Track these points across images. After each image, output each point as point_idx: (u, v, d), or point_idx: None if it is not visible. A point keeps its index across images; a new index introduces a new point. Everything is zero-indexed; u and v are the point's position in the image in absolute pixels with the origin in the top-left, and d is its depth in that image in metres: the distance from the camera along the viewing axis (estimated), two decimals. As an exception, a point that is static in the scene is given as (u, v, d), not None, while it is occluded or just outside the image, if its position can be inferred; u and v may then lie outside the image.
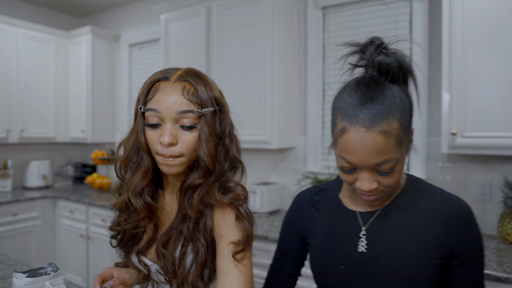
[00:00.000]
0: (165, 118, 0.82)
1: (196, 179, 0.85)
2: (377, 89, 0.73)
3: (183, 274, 0.85)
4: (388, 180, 0.75)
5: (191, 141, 0.83)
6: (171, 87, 0.83)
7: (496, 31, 1.74)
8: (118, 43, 3.81)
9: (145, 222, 0.91)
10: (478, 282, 0.81)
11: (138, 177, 0.88)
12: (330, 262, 0.85)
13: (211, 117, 0.85)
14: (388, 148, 0.70)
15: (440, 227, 0.79)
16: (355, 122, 0.71)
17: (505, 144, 1.73)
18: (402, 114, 0.72)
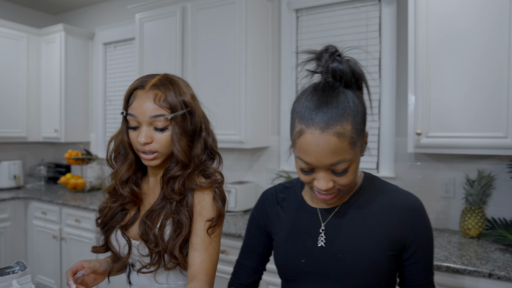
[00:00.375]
0: (141, 121, 0.99)
1: (176, 171, 1.02)
2: (332, 94, 0.78)
3: (165, 244, 0.98)
4: (344, 179, 0.80)
5: (164, 140, 1.00)
6: (145, 95, 0.99)
7: (458, 36, 1.83)
8: (92, 42, 3.76)
9: (130, 205, 1.09)
10: (428, 270, 0.89)
11: (124, 168, 1.07)
12: (292, 256, 0.90)
13: (181, 118, 1.01)
14: (342, 149, 0.75)
15: (393, 222, 0.86)
16: (311, 125, 0.75)
17: (466, 143, 1.82)
18: (355, 117, 0.77)
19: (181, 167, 1.03)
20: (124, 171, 1.07)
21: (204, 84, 2.56)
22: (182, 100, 1.01)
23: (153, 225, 1.00)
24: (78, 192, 3.41)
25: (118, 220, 1.08)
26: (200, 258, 0.97)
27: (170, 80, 1.03)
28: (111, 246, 1.08)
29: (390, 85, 2.28)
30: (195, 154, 1.05)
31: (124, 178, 1.07)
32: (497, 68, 1.76)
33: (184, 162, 1.02)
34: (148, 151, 1.00)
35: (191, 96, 1.06)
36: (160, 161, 1.03)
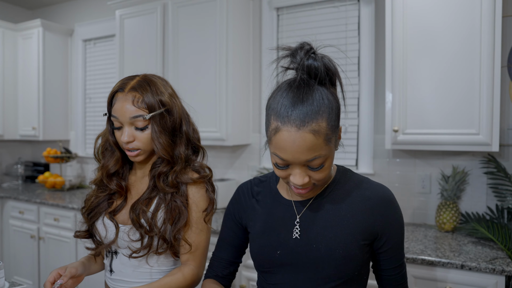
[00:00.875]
0: (123, 122, 1.08)
1: (163, 168, 1.11)
2: (307, 91, 0.79)
3: (158, 228, 1.06)
4: (319, 175, 0.82)
5: (145, 138, 1.09)
6: (125, 98, 1.08)
7: (434, 36, 1.88)
8: (71, 38, 3.70)
9: (117, 196, 1.16)
10: (400, 253, 0.93)
11: (112, 162, 1.15)
12: (268, 248, 0.92)
13: (160, 117, 1.09)
14: (317, 146, 0.77)
15: (366, 212, 0.89)
16: (287, 122, 0.77)
17: (440, 140, 1.87)
18: (330, 114, 0.79)
19: (167, 163, 1.11)
20: (112, 165, 1.16)
21: (185, 81, 2.56)
22: (160, 100, 1.09)
23: (147, 210, 1.07)
24: (57, 191, 3.35)
25: (105, 207, 1.14)
26: (196, 241, 1.10)
27: (148, 81, 1.11)
28: (96, 231, 1.14)
29: (368, 83, 2.32)
30: (180, 151, 1.13)
31: (111, 171, 1.15)
32: (470, 67, 1.81)
33: (166, 158, 1.09)
34: (131, 149, 1.09)
35: (169, 94, 1.14)
36: (143, 157, 1.12)
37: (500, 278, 1.53)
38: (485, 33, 1.78)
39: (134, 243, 1.07)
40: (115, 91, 1.10)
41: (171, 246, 1.09)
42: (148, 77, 1.13)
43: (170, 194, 1.09)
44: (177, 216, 1.08)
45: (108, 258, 1.17)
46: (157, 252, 1.08)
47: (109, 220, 1.12)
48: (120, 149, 1.16)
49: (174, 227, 1.07)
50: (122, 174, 1.18)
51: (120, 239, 1.10)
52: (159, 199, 1.10)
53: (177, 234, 1.08)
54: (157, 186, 1.10)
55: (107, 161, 1.16)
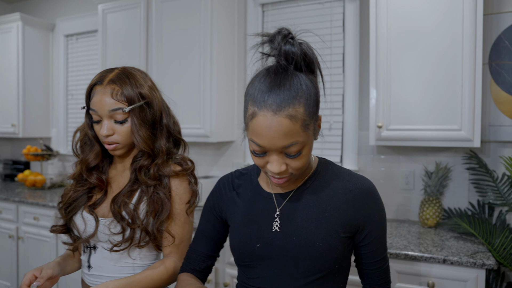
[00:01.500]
0: (102, 115, 1.06)
1: (144, 161, 1.09)
2: (284, 76, 0.78)
3: (141, 220, 1.04)
4: (296, 162, 0.80)
5: (124, 131, 1.07)
6: (103, 91, 1.06)
7: (417, 32, 1.89)
8: (53, 33, 3.61)
9: (97, 190, 1.14)
10: (382, 247, 0.92)
11: (92, 156, 1.13)
12: (247, 241, 0.90)
13: (140, 110, 1.08)
14: (294, 132, 0.75)
15: (347, 204, 0.87)
16: (263, 107, 0.75)
17: (424, 136, 1.88)
18: (308, 100, 0.78)
19: (147, 156, 1.10)
20: (91, 159, 1.14)
21: (168, 77, 2.52)
22: (139, 93, 1.08)
23: (129, 202, 1.06)
24: (38, 189, 3.27)
25: (84, 201, 1.12)
26: (179, 233, 1.10)
27: (127, 73, 1.09)
28: (74, 226, 1.11)
29: (353, 80, 2.32)
30: (161, 144, 1.12)
31: (91, 165, 1.13)
32: (453, 64, 1.83)
33: (146, 151, 1.08)
34: (111, 142, 1.08)
35: (149, 87, 1.12)
36: (122, 151, 1.11)
37: (480, 271, 1.54)
38: (467, 31, 1.80)
39: (115, 236, 1.05)
40: (94, 84, 1.08)
41: (153, 238, 1.08)
42: (127, 70, 1.11)
43: (152, 186, 1.08)
44: (160, 208, 1.07)
45: (86, 253, 1.14)
46: (139, 245, 1.06)
47: (88, 213, 1.09)
48: (99, 142, 1.14)
49: (157, 219, 1.07)
50: (102, 168, 1.16)
51: (100, 233, 1.07)
52: (141, 192, 1.08)
53: (160, 226, 1.07)
54: (138, 179, 1.09)
55: (86, 155, 1.14)
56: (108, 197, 1.13)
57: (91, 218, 1.08)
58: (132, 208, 1.05)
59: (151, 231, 1.06)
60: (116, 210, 1.05)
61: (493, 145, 2.04)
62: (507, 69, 2.00)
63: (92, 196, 1.14)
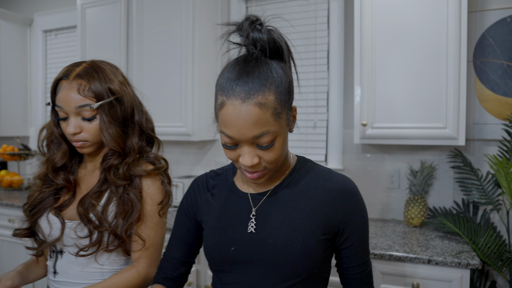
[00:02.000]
0: (68, 112, 1.00)
1: (114, 160, 1.03)
2: (254, 64, 0.74)
3: (109, 223, 0.98)
4: (269, 154, 0.75)
5: (93, 129, 1.01)
6: (69, 86, 0.99)
7: (402, 29, 1.86)
8: (31, 28, 3.50)
9: (65, 191, 1.07)
10: (364, 250, 0.87)
11: (59, 156, 1.06)
12: (221, 244, 0.85)
13: (109, 106, 1.01)
14: (264, 120, 0.71)
15: (326, 204, 0.83)
16: (231, 95, 0.72)
17: (409, 134, 1.86)
18: (278, 88, 0.74)
19: (118, 155, 1.04)
20: (58, 159, 1.07)
21: (149, 73, 2.45)
22: (108, 88, 1.02)
23: (96, 204, 1.00)
24: (14, 190, 3.16)
25: (50, 203, 1.05)
26: (150, 237, 1.03)
27: (95, 67, 1.03)
28: (39, 229, 1.04)
29: (338, 77, 2.29)
30: (133, 143, 1.06)
31: (58, 165, 1.06)
32: (438, 61, 1.80)
33: (116, 150, 1.02)
34: (78, 140, 1.01)
35: (119, 82, 1.06)
36: (91, 149, 1.04)
37: (465, 271, 1.52)
38: (452, 28, 1.77)
39: (82, 240, 0.99)
40: (59, 78, 1.02)
41: (122, 242, 1.01)
42: (96, 63, 1.05)
43: (122, 187, 1.02)
44: (130, 210, 1.01)
45: (52, 258, 1.07)
46: (108, 249, 1.00)
47: (54, 216, 1.02)
48: (67, 141, 1.07)
49: (126, 221, 1.00)
50: (70, 167, 1.10)
51: (66, 236, 1.00)
52: (111, 192, 1.02)
53: (129, 229, 1.01)
54: (108, 179, 1.03)
55: (53, 154, 1.08)
56: (77, 198, 1.06)
57: (57, 220, 1.02)
58: (100, 210, 0.99)
59: (120, 234, 0.99)
60: (82, 212, 0.98)
61: (477, 144, 2.02)
62: (491, 67, 1.99)
63: (60, 198, 1.07)
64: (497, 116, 1.98)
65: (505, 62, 1.97)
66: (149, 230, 1.03)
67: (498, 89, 1.98)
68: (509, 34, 1.96)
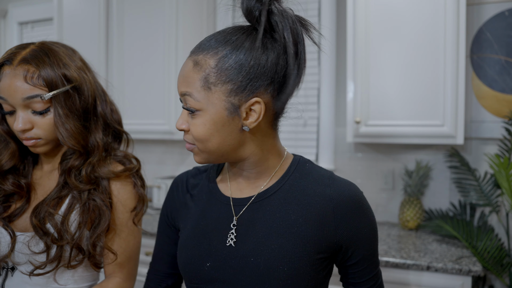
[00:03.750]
0: (15, 105, 0.83)
1: (74, 160, 0.88)
2: (238, 31, 0.67)
3: (72, 236, 0.83)
4: (193, 127, 0.67)
5: (46, 124, 0.85)
6: (13, 73, 0.82)
7: (397, 23, 1.76)
8: (5, 20, 3.30)
9: (16, 197, 0.91)
10: (374, 262, 0.73)
11: (6, 157, 0.90)
12: (195, 258, 0.71)
13: (65, 97, 0.85)
14: (191, 80, 0.65)
15: (325, 216, 0.68)
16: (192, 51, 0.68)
17: (405, 132, 1.76)
18: (228, 58, 0.63)
19: (79, 154, 0.88)
20: (5, 161, 0.90)
21: (130, 68, 2.30)
22: (63, 74, 0.85)
23: (55, 212, 0.84)
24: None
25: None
26: (123, 248, 0.90)
27: (46, 50, 0.85)
28: None
29: (329, 73, 2.18)
30: (96, 139, 0.90)
31: (5, 167, 0.90)
32: (435, 56, 1.71)
33: (76, 148, 0.87)
34: (29, 138, 0.85)
35: (77, 67, 0.89)
36: (45, 148, 0.88)
37: (466, 278, 1.43)
38: (450, 22, 1.68)
39: (37, 256, 0.83)
40: (1, 63, 0.84)
41: (89, 257, 0.86)
42: (47, 45, 0.87)
43: (86, 191, 0.87)
44: (97, 219, 0.85)
45: (1, 276, 0.89)
46: (70, 265, 0.84)
47: (2, 228, 0.85)
48: (15, 139, 0.91)
49: (93, 232, 0.85)
50: (22, 170, 0.93)
51: (17, 252, 0.84)
52: (72, 198, 0.86)
53: (96, 241, 0.85)
54: (68, 183, 0.87)
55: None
56: (31, 206, 0.90)
57: (5, 233, 0.85)
58: (59, 220, 0.83)
59: (86, 248, 0.84)
60: (36, 223, 0.82)
61: (474, 142, 1.94)
62: (489, 62, 1.91)
63: (10, 206, 0.90)
64: (495, 113, 1.90)
65: (503, 58, 1.89)
66: (121, 241, 0.89)
67: (495, 85, 1.90)
68: (507, 29, 1.88)
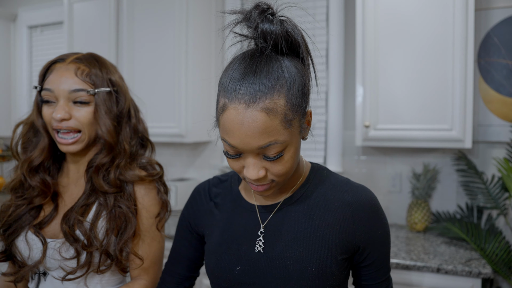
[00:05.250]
0: (58, 96, 0.86)
1: (103, 157, 0.90)
2: (262, 61, 0.63)
3: (100, 242, 0.85)
4: (278, 167, 0.65)
5: (84, 116, 0.87)
6: (65, 68, 0.87)
7: (407, 27, 1.79)
8: (15, 24, 3.34)
9: (40, 199, 0.91)
10: (386, 266, 0.78)
11: (36, 153, 0.91)
12: (226, 263, 0.75)
13: (107, 97, 0.90)
14: (272, 129, 0.61)
15: (345, 220, 0.73)
16: (235, 98, 0.61)
17: (413, 136, 1.78)
18: (290, 90, 0.63)
19: (108, 151, 0.91)
20: (35, 157, 0.91)
21: (140, 72, 2.33)
22: (109, 78, 0.92)
23: (83, 219, 0.86)
24: (-3, 193, 3.01)
25: (28, 220, 0.90)
26: (147, 253, 0.92)
27: (96, 57, 0.94)
28: (16, 251, 0.89)
29: (337, 77, 2.21)
30: (124, 140, 0.93)
31: (35, 163, 0.91)
32: (443, 61, 1.73)
33: (110, 144, 0.90)
34: (66, 130, 0.87)
35: (119, 77, 0.97)
36: (82, 145, 0.89)
37: (476, 281, 1.45)
38: (458, 26, 1.71)
39: (68, 261, 0.85)
40: (53, 62, 0.90)
41: (117, 262, 0.88)
42: (96, 55, 0.95)
43: (112, 197, 0.88)
44: (123, 225, 0.88)
45: (34, 281, 0.92)
46: (99, 270, 0.86)
47: (34, 235, 0.87)
48: (49, 135, 0.92)
49: (120, 238, 0.87)
50: (49, 170, 0.94)
51: (49, 258, 0.86)
52: (99, 205, 0.88)
53: (123, 247, 0.88)
54: (94, 186, 0.89)
55: (29, 153, 0.93)
56: (60, 213, 0.92)
57: (37, 240, 0.87)
58: (88, 227, 0.86)
59: (113, 253, 0.86)
60: (67, 229, 0.84)
61: (482, 146, 1.96)
62: (496, 67, 1.93)
63: (40, 213, 0.91)
64: (502, 117, 1.92)
65: (510, 62, 1.91)
66: (147, 247, 0.92)
67: (503, 89, 1.92)
68: (514, 33, 1.90)
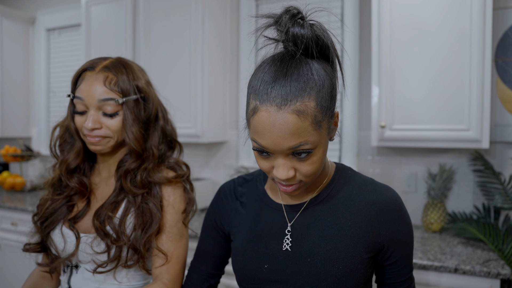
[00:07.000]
0: (89, 105, 0.91)
1: (131, 163, 0.94)
2: (292, 64, 0.65)
3: (127, 237, 0.89)
4: (307, 167, 0.67)
5: (114, 126, 0.93)
6: (94, 77, 0.91)
7: (423, 27, 1.79)
8: (33, 27, 3.42)
9: (78, 197, 0.98)
10: (409, 265, 0.80)
11: (72, 156, 0.98)
12: (253, 261, 0.77)
13: (134, 104, 0.94)
14: (303, 130, 0.63)
15: (370, 219, 0.75)
16: (266, 101, 0.63)
17: (430, 136, 1.78)
18: (320, 92, 0.65)
19: (135, 157, 0.95)
20: (72, 159, 0.98)
21: (157, 73, 2.37)
22: (136, 85, 0.95)
23: (113, 216, 0.91)
24: (17, 192, 3.08)
25: (63, 214, 0.96)
26: (171, 249, 0.94)
27: (123, 63, 0.97)
28: (51, 243, 0.95)
29: (352, 77, 2.21)
30: (152, 145, 0.98)
31: (71, 166, 0.97)
32: (460, 60, 1.73)
33: (137, 151, 0.95)
34: (96, 136, 0.93)
35: (146, 82, 1.00)
36: (107, 147, 0.95)
37: (494, 281, 1.44)
38: (476, 26, 1.70)
39: (99, 255, 0.90)
40: (84, 69, 0.94)
41: (141, 257, 0.92)
42: (124, 60, 0.98)
43: (140, 195, 0.93)
44: (149, 221, 0.92)
45: (66, 273, 0.97)
46: (126, 265, 0.91)
47: (69, 229, 0.93)
48: (81, 139, 0.98)
49: (145, 233, 0.91)
50: (83, 171, 1.00)
51: (81, 252, 0.92)
52: (128, 203, 0.93)
53: (147, 243, 0.91)
54: (124, 187, 0.94)
55: (66, 154, 0.98)
56: (92, 209, 0.97)
57: (71, 234, 0.93)
58: (117, 223, 0.91)
59: (139, 248, 0.90)
60: (98, 225, 0.89)
61: (499, 146, 1.95)
62: (514, 67, 1.92)
63: (74, 207, 0.97)
64: (520, 117, 1.91)
65: (528, 62, 1.89)
66: (170, 242, 0.95)
67: (521, 89, 1.90)
68: (533, 32, 1.88)
